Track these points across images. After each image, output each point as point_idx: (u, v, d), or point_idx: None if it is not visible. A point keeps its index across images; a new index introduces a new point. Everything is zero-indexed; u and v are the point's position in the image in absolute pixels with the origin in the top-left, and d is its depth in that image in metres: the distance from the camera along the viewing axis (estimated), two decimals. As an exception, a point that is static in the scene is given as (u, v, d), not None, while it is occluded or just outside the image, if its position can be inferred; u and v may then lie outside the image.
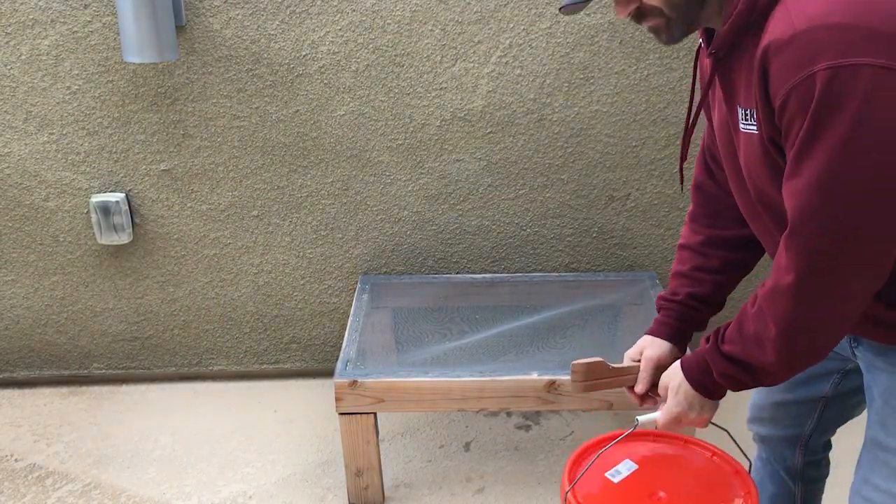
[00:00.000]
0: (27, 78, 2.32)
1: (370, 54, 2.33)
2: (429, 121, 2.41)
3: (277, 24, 2.29)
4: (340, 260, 2.59)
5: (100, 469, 2.31)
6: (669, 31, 1.19)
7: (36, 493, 2.22)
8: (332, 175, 2.47)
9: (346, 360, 2.09)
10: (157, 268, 2.58)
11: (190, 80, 2.34)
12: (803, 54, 0.99)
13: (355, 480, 2.12)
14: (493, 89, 2.38)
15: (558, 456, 2.32)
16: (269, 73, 2.34)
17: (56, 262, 2.55)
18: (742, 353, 1.19)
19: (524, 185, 2.50)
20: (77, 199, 2.47)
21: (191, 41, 2.30)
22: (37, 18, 2.26)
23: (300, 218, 2.53)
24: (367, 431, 2.05)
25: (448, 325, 2.42)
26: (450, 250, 2.59)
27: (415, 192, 2.50)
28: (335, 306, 2.65)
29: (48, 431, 2.48)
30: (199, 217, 2.52)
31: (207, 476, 2.28)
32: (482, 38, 2.33)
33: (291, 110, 2.39)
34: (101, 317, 2.64)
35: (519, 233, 2.57)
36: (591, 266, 2.61)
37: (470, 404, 2.04)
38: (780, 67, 1.02)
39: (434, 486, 2.22)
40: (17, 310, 2.62)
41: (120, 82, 2.34)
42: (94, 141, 2.41)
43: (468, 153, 2.46)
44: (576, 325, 2.36)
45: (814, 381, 1.44)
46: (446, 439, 2.41)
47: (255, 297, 2.64)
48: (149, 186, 2.47)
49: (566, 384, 2.00)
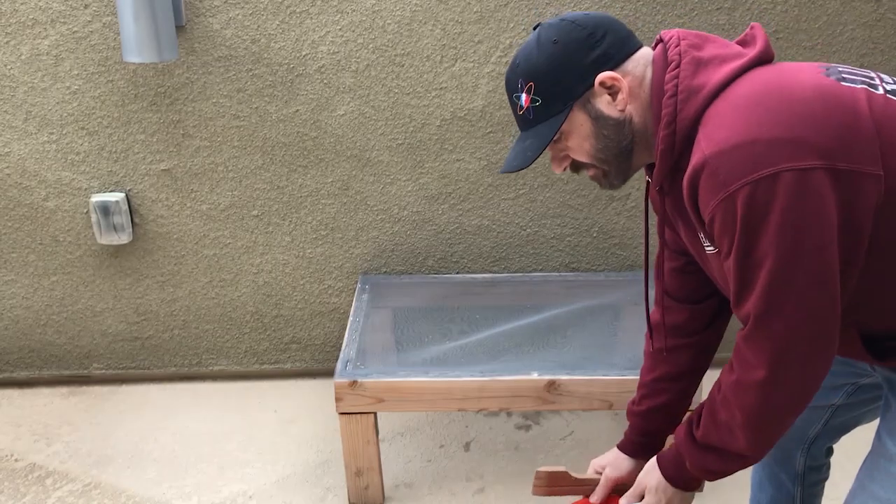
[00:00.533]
0: (27, 78, 2.32)
1: (370, 54, 2.33)
2: (429, 121, 2.41)
3: (277, 24, 2.29)
4: (340, 260, 2.59)
5: (100, 469, 2.31)
6: (608, 179, 1.30)
7: (36, 493, 2.21)
8: (332, 175, 2.47)
9: (346, 360, 2.09)
10: (156, 268, 2.58)
11: (190, 80, 2.34)
12: (718, 177, 1.07)
13: (355, 480, 2.12)
14: (493, 89, 2.38)
15: (558, 456, 2.32)
16: (269, 73, 2.34)
17: (56, 262, 2.55)
18: (716, 439, 1.24)
19: (524, 184, 2.50)
20: (77, 199, 2.47)
21: (191, 41, 2.30)
22: (37, 18, 2.26)
23: (300, 218, 2.53)
24: (367, 431, 2.05)
25: (448, 325, 2.42)
26: (450, 250, 2.59)
27: (415, 192, 2.50)
28: (335, 306, 2.65)
29: (48, 431, 2.48)
30: (199, 217, 2.52)
31: (207, 476, 2.28)
32: (482, 38, 2.33)
33: (291, 110, 2.39)
34: (100, 317, 2.64)
35: (519, 232, 2.57)
36: (591, 266, 2.61)
37: (470, 404, 2.04)
38: (702, 192, 1.11)
39: (434, 486, 2.22)
40: (17, 310, 2.62)
41: (120, 82, 2.34)
42: (94, 141, 2.41)
43: (468, 153, 2.46)
44: (576, 325, 2.35)
45: (824, 391, 1.44)
46: (446, 439, 2.41)
47: (255, 297, 2.63)
48: (149, 186, 2.47)
49: (566, 384, 2.00)
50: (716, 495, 2.09)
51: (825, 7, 2.32)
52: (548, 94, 1.23)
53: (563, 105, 1.23)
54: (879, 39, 2.37)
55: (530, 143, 1.27)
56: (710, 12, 2.31)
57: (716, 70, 1.16)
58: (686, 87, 1.16)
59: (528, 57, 1.25)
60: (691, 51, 1.18)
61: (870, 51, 2.38)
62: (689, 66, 1.17)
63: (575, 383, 2.00)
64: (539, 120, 1.26)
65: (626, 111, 1.23)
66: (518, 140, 1.32)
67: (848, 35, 2.36)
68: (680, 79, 1.16)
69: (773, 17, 2.32)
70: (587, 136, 1.25)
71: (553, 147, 1.29)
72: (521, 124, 1.31)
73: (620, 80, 1.21)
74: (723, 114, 1.11)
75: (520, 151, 1.29)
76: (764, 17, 2.32)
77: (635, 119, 1.23)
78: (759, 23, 1.32)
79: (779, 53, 2.35)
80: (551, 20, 1.28)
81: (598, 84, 1.21)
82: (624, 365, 2.08)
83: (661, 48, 1.23)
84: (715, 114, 1.12)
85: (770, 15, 2.32)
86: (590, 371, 2.02)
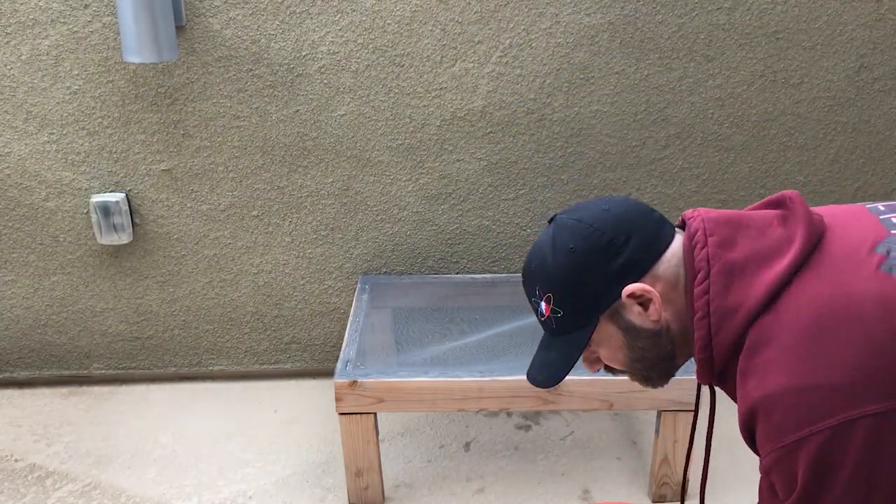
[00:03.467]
0: (27, 78, 2.32)
1: (370, 54, 2.33)
2: (429, 121, 2.41)
3: (277, 24, 2.29)
4: (340, 260, 2.59)
5: (100, 469, 2.31)
6: (650, 383, 1.17)
7: (36, 493, 2.21)
8: (332, 175, 2.47)
9: (346, 360, 2.09)
10: (157, 268, 2.58)
11: (190, 81, 2.34)
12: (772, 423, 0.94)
13: (355, 481, 2.12)
14: (493, 89, 2.38)
15: (558, 456, 2.32)
16: (269, 73, 2.34)
17: (56, 263, 2.55)
18: None
19: (524, 185, 2.50)
20: (77, 200, 2.47)
21: (191, 41, 2.30)
22: (37, 18, 2.26)
23: (300, 218, 2.53)
24: (367, 431, 2.05)
25: (448, 325, 2.42)
26: (450, 250, 2.59)
27: (415, 192, 2.50)
28: (335, 306, 2.65)
29: (48, 431, 2.48)
30: (199, 217, 2.52)
31: (207, 476, 2.28)
32: (482, 38, 2.33)
33: (291, 110, 2.39)
34: (101, 317, 2.64)
35: (519, 233, 2.57)
36: (591, 266, 2.61)
37: (470, 404, 2.04)
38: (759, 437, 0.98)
39: (434, 486, 2.22)
40: (17, 310, 2.62)
41: (120, 82, 2.34)
42: (94, 141, 2.41)
43: (468, 153, 2.46)
44: (576, 325, 2.35)
45: None
46: (446, 439, 2.41)
47: (255, 297, 2.64)
48: (149, 186, 2.47)
49: (566, 384, 2.00)
50: (715, 497, 2.09)
51: (825, 7, 2.32)
52: (570, 306, 1.11)
53: (588, 319, 1.10)
54: (879, 39, 2.37)
55: (555, 357, 1.14)
56: (711, 12, 2.31)
57: (753, 281, 0.99)
58: (719, 308, 1.01)
59: (543, 263, 1.12)
60: (721, 253, 1.02)
61: (870, 51, 2.38)
62: (720, 279, 1.01)
63: (575, 383, 2.00)
64: (563, 331, 1.13)
65: (661, 320, 1.09)
66: (542, 346, 1.19)
67: (848, 35, 2.36)
68: (711, 296, 1.01)
69: (773, 17, 2.32)
70: (619, 347, 1.12)
71: (584, 350, 1.15)
72: (544, 328, 1.18)
73: (650, 291, 1.07)
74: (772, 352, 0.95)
75: (546, 366, 1.16)
76: (764, 17, 2.32)
77: (673, 326, 1.09)
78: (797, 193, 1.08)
79: (779, 53, 2.36)
80: (566, 218, 1.13)
81: (625, 297, 1.08)
82: (624, 365, 2.08)
83: (688, 241, 1.07)
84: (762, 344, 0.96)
85: (770, 15, 2.32)
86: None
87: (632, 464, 2.28)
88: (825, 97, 2.43)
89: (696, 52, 2.35)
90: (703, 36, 2.34)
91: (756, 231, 1.03)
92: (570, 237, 1.10)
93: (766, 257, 1.00)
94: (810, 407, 0.91)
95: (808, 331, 0.93)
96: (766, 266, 0.99)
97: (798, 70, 2.39)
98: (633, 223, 1.09)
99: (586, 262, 1.08)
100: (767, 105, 2.43)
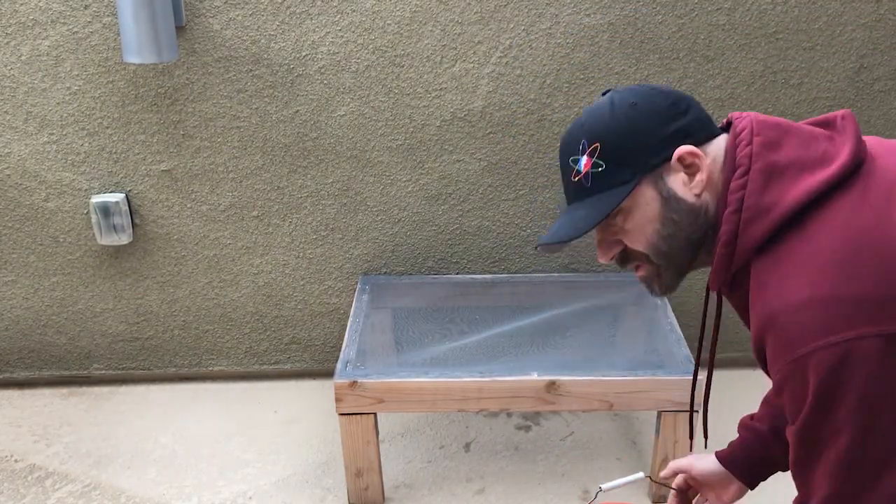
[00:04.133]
0: (27, 78, 2.32)
1: (370, 55, 2.33)
2: (429, 121, 2.41)
3: (277, 24, 2.29)
4: (340, 260, 2.59)
5: (100, 469, 2.31)
6: (659, 281, 1.12)
7: (36, 494, 2.21)
8: (332, 175, 2.47)
9: (345, 360, 2.09)
10: (156, 268, 2.58)
11: (190, 81, 2.34)
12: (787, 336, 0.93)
13: (355, 481, 2.12)
14: (494, 90, 2.38)
15: (558, 456, 2.32)
16: (269, 74, 2.34)
17: (56, 263, 2.55)
18: None
19: (524, 185, 2.50)
20: (77, 200, 2.47)
21: (191, 42, 2.30)
22: (37, 19, 2.26)
23: (300, 218, 2.53)
24: (367, 432, 2.05)
25: (448, 325, 2.42)
26: (450, 250, 2.59)
27: (415, 193, 2.50)
28: (335, 307, 2.65)
29: (48, 432, 2.48)
30: (199, 218, 2.52)
31: (207, 476, 2.28)
32: (482, 39, 2.33)
33: (291, 111, 2.39)
34: (101, 317, 2.64)
35: (519, 233, 2.57)
36: (591, 266, 2.61)
37: (470, 404, 2.04)
38: (770, 352, 0.97)
39: (434, 486, 2.22)
40: (17, 310, 2.62)
41: (120, 83, 2.34)
42: (94, 141, 2.41)
43: (468, 153, 2.46)
44: (575, 326, 2.35)
45: None
46: (446, 440, 2.41)
47: (255, 297, 2.64)
48: (149, 187, 2.47)
49: (566, 384, 2.00)
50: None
51: (825, 7, 2.32)
52: (615, 159, 1.06)
53: (631, 175, 1.05)
54: (879, 40, 2.37)
55: (584, 213, 1.08)
56: (710, 12, 2.31)
57: (792, 184, 0.98)
58: (753, 205, 0.99)
59: (599, 116, 1.08)
60: (764, 153, 1.00)
61: (870, 51, 2.38)
62: (759, 177, 0.99)
63: (575, 384, 2.00)
64: (598, 189, 1.07)
65: (702, 197, 1.05)
66: (565, 212, 1.13)
67: (848, 35, 2.36)
68: (748, 192, 0.99)
69: (773, 17, 2.32)
70: (652, 218, 1.06)
71: (605, 228, 1.11)
72: (573, 194, 1.12)
73: (703, 158, 1.05)
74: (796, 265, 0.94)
75: (568, 221, 1.10)
76: (764, 18, 2.32)
77: (710, 211, 1.05)
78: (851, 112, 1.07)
79: (779, 54, 2.36)
80: (626, 87, 1.11)
81: (675, 158, 1.05)
82: (624, 365, 2.08)
83: (732, 139, 1.06)
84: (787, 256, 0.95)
85: (770, 15, 2.32)
86: (590, 372, 2.02)
87: (632, 464, 2.28)
88: (825, 97, 2.43)
89: (696, 52, 2.35)
90: (703, 36, 2.34)
91: (803, 140, 1.02)
92: (633, 95, 1.08)
93: (809, 165, 0.98)
94: (828, 319, 0.89)
95: (839, 253, 0.92)
96: (809, 173, 0.97)
97: (798, 70, 2.39)
98: (691, 100, 1.10)
99: (647, 116, 1.06)
100: (767, 105, 2.42)
